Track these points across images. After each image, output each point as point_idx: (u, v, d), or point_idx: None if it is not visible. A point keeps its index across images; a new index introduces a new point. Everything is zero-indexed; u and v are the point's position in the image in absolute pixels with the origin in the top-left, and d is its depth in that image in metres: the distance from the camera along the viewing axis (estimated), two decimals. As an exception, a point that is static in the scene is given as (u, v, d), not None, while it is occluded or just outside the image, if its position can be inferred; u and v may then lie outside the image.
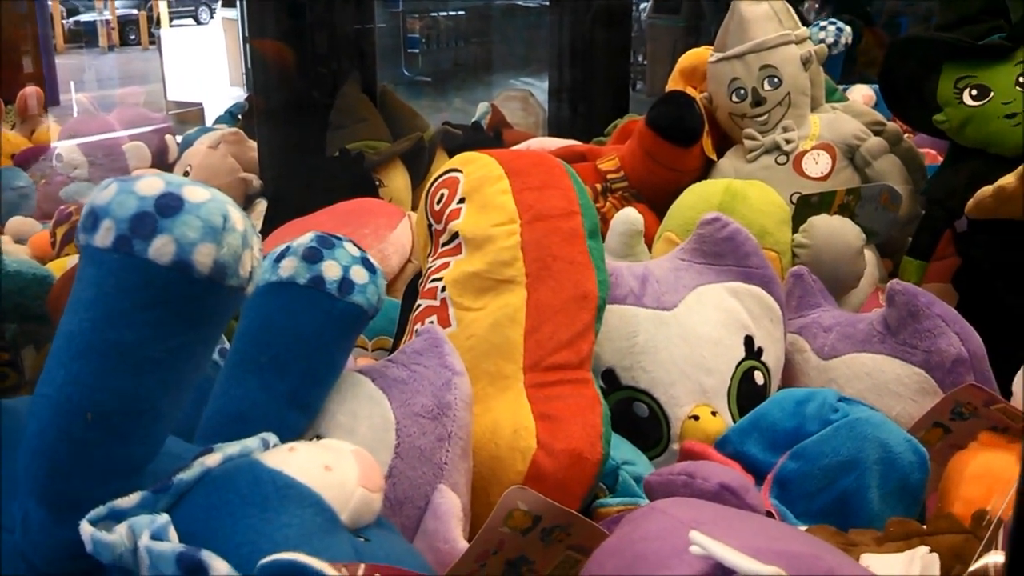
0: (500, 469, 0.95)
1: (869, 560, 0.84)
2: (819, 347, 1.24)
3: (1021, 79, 1.36)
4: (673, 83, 1.76)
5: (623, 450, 1.09)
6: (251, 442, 0.73)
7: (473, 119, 2.58)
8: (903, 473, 0.99)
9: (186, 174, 2.05)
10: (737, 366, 1.16)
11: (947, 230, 1.47)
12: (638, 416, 1.15)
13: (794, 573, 0.59)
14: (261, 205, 2.03)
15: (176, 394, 0.69)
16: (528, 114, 3.09)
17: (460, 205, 1.11)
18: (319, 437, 0.88)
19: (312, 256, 0.88)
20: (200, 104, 3.38)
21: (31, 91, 2.35)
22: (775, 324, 1.21)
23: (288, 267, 0.88)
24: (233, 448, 0.72)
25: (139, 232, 0.64)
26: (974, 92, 1.38)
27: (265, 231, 1.81)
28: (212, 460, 0.70)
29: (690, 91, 1.66)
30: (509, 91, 3.23)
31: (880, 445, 0.99)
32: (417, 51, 7.35)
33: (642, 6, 7.45)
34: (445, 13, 7.71)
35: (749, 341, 1.18)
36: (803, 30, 1.59)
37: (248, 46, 2.12)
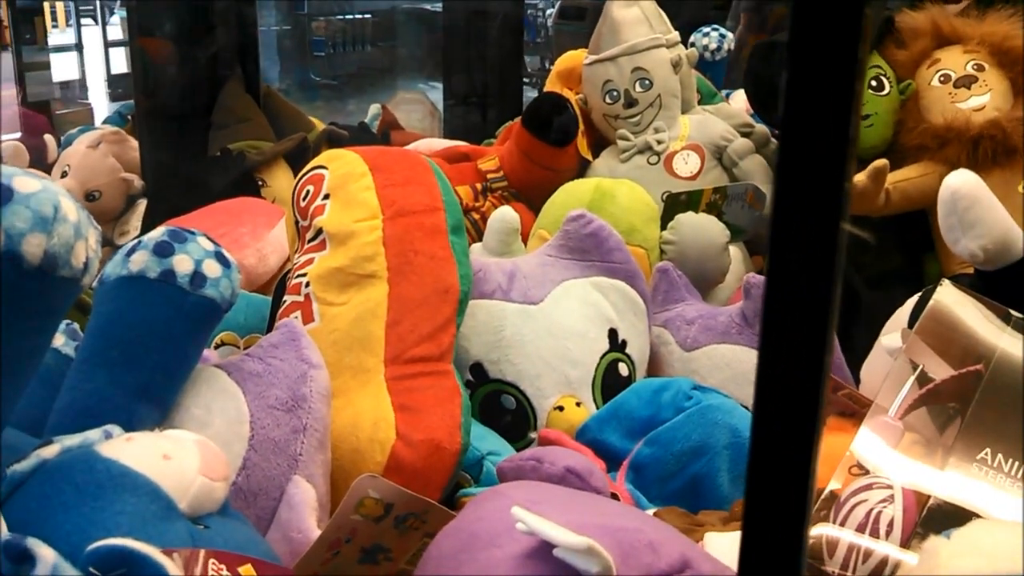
0: (361, 461, 0.97)
1: (711, 539, 0.88)
2: (682, 339, 1.28)
3: (872, 83, 1.43)
4: (551, 85, 1.79)
5: (489, 441, 1.11)
6: (92, 434, 0.73)
7: (364, 120, 2.58)
8: (751, 457, 1.03)
9: (64, 174, 2.01)
10: (601, 358, 1.20)
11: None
12: (506, 408, 1.17)
13: (615, 543, 0.62)
14: (143, 205, 2.00)
15: (11, 385, 0.69)
16: (424, 116, 3.11)
17: (325, 201, 1.12)
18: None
19: (163, 250, 0.88)
20: (89, 104, 3.31)
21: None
22: (639, 317, 1.25)
23: (138, 261, 0.87)
24: (73, 440, 0.72)
25: (-33, 222, 0.64)
26: (830, 94, 1.44)
27: (144, 231, 1.79)
28: (49, 452, 0.70)
29: (567, 93, 1.69)
30: (404, 93, 3.24)
31: (730, 431, 1.03)
32: (323, 54, 7.28)
33: (548, 12, 7.53)
34: (351, 16, 7.66)
35: (613, 334, 1.22)
36: (674, 34, 1.64)
37: (130, 46, 2.08)
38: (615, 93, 1.60)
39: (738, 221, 1.52)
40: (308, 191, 1.14)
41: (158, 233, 0.90)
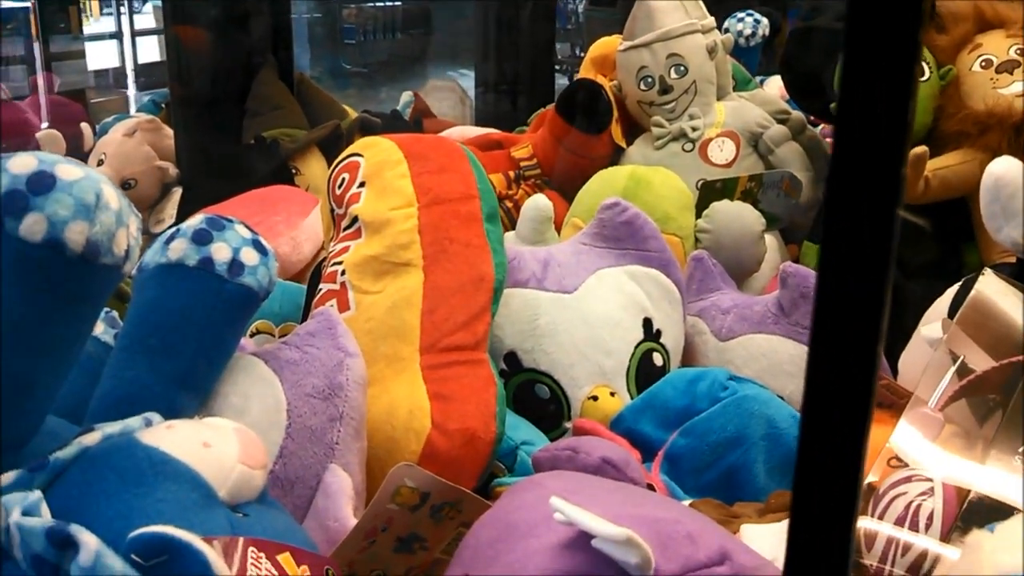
0: (396, 450, 0.97)
1: (748, 530, 0.87)
2: (717, 329, 1.27)
3: (913, 69, 1.41)
4: (584, 71, 1.78)
5: (523, 430, 1.11)
6: (133, 421, 0.74)
7: (396, 108, 2.58)
8: (788, 448, 1.02)
9: (100, 163, 2.02)
10: (636, 347, 1.19)
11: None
12: (540, 397, 1.17)
13: (653, 534, 0.62)
14: (178, 193, 2.02)
15: (54, 372, 0.70)
16: (455, 104, 3.10)
17: (360, 189, 1.12)
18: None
19: (201, 238, 0.88)
20: (125, 92, 3.33)
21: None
22: (674, 306, 1.24)
23: (177, 249, 0.88)
24: (114, 427, 0.72)
25: (10, 210, 0.65)
26: (869, 81, 1.42)
27: (180, 219, 1.80)
28: (91, 439, 0.70)
29: (600, 79, 1.68)
30: (436, 81, 3.23)
31: (766, 421, 1.02)
32: (353, 42, 7.29)
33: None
34: (381, 3, 7.66)
35: (648, 323, 1.21)
36: (709, 20, 1.63)
37: (164, 34, 2.09)
38: (650, 79, 1.59)
39: (774, 209, 1.50)
40: (344, 179, 1.15)
41: (196, 221, 0.91)
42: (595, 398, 1.15)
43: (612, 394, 1.15)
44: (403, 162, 1.11)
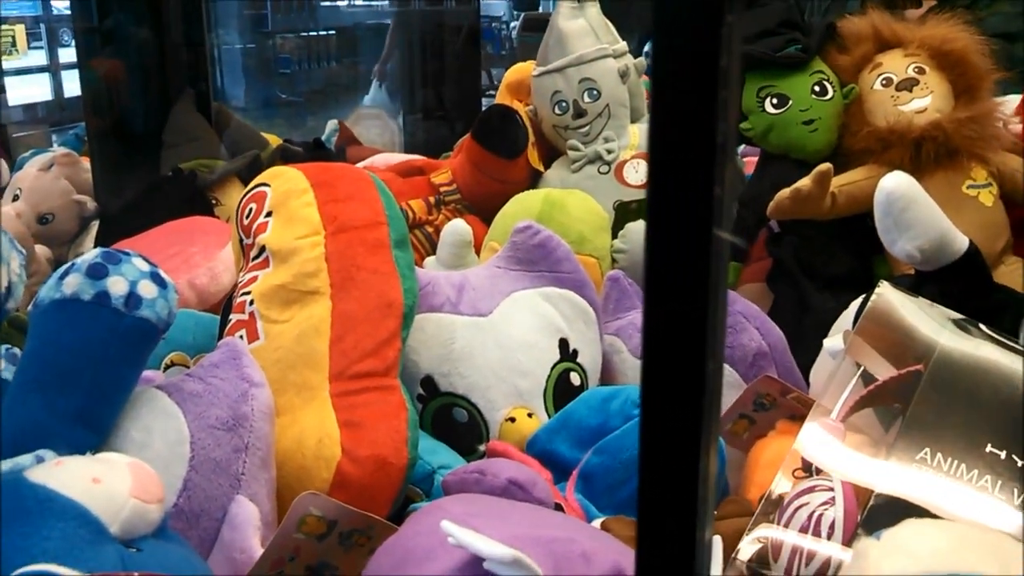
0: (307, 478, 0.96)
1: (657, 545, 0.88)
2: (634, 347, 1.28)
3: (816, 88, 1.44)
4: (501, 97, 1.80)
5: (441, 455, 1.11)
6: (24, 459, 0.73)
7: (323, 136, 2.57)
8: (699, 462, 1.03)
9: (16, 197, 1.98)
10: (552, 368, 1.20)
11: (760, 232, 1.54)
12: (458, 421, 1.17)
13: (547, 554, 0.62)
14: (96, 227, 1.98)
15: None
16: (383, 132, 3.11)
17: (267, 219, 1.11)
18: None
19: (97, 272, 0.87)
20: (44, 127, 3.28)
21: None
22: (589, 326, 1.25)
23: (72, 283, 0.86)
24: (3, 466, 0.71)
25: None
26: (775, 101, 1.45)
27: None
28: (-28, 480, 0.69)
29: (516, 104, 1.70)
30: (364, 109, 3.23)
31: (677, 437, 1.03)
32: (289, 71, 7.25)
33: (512, 25, 7.55)
34: (315, 32, 7.64)
35: (564, 343, 1.22)
36: (621, 44, 1.65)
37: (79, 67, 2.07)
38: (564, 104, 1.61)
39: (689, 228, 1.53)
40: (251, 209, 1.14)
41: (92, 255, 0.89)
42: (513, 419, 1.15)
43: (530, 415, 1.15)
44: (309, 191, 1.11)
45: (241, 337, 1.07)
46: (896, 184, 1.00)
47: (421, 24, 3.04)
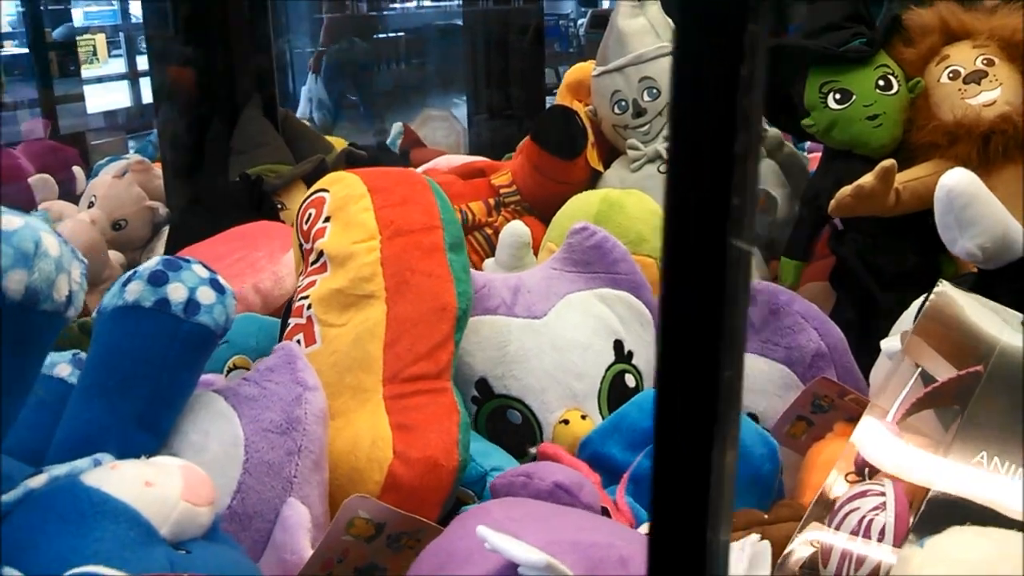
0: (359, 481, 0.97)
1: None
2: (691, 348, 1.27)
3: (880, 82, 1.41)
4: (560, 97, 1.79)
5: (494, 457, 1.11)
6: (82, 463, 0.75)
7: (388, 140, 2.61)
8: (753, 466, 1.02)
9: (91, 205, 2.05)
10: (607, 370, 1.19)
11: (824, 230, 1.51)
12: (512, 423, 1.17)
13: (583, 559, 0.62)
14: (167, 232, 2.04)
15: (-3, 418, 0.71)
16: (449, 133, 3.13)
17: (326, 224, 1.13)
18: (173, 456, 0.90)
19: (157, 279, 0.89)
20: (123, 135, 3.37)
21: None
22: (645, 328, 1.24)
23: (134, 291, 0.89)
24: (61, 469, 0.73)
25: (-52, 261, 0.66)
26: (838, 96, 1.42)
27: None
28: (37, 481, 0.71)
29: (576, 105, 1.69)
30: (430, 111, 3.26)
31: (731, 440, 1.02)
32: (371, 72, 7.32)
33: (580, 22, 7.52)
34: (384, 35, 7.71)
35: (619, 345, 1.21)
36: (682, 42, 1.63)
37: (151, 75, 2.12)
38: (623, 103, 1.60)
39: (750, 227, 1.51)
40: (310, 214, 1.16)
41: (153, 262, 0.92)
42: (566, 422, 1.15)
43: (583, 417, 1.15)
44: (367, 196, 1.12)
45: (299, 341, 1.09)
46: (956, 181, 0.97)
47: (485, 23, 3.06)
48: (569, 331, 1.20)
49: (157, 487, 0.71)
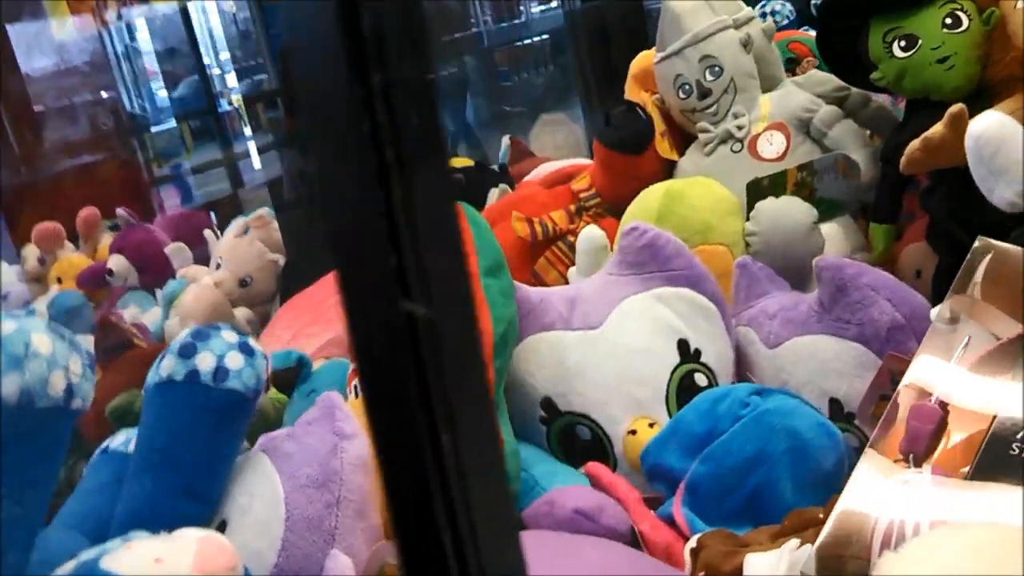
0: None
1: (751, 560, 0.84)
2: (765, 336, 1.21)
3: (947, 20, 1.30)
4: (629, 90, 1.74)
5: (559, 478, 1.10)
6: (111, 544, 0.79)
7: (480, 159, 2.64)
8: (815, 460, 0.97)
9: (219, 266, 2.16)
10: (673, 372, 1.16)
11: (915, 187, 1.41)
12: (583, 439, 1.16)
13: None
14: (286, 280, 2.12)
15: (19, 511, 0.76)
16: (568, 137, 3.12)
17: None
18: (224, 522, 0.94)
19: (187, 351, 0.94)
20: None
21: (86, 213, 2.53)
22: (711, 322, 1.20)
23: (167, 366, 0.94)
24: (89, 553, 0.78)
25: (-51, 372, 0.72)
26: (903, 43, 1.32)
27: (283, 297, 1.92)
28: (64, 569, 0.76)
29: (644, 95, 1.65)
30: (547, 116, 3.25)
31: (788, 434, 0.97)
32: (508, 83, 7.40)
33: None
34: (528, 40, 7.76)
35: (683, 344, 1.17)
36: (744, 12, 1.56)
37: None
38: (687, 87, 1.54)
39: (835, 195, 1.42)
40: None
41: (184, 335, 0.96)
42: (634, 432, 1.12)
43: (651, 425, 1.12)
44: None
45: (356, 385, 1.11)
46: (985, 126, 0.89)
47: (588, 23, 3.02)
48: (626, 337, 1.17)
49: (166, 563, 0.74)
